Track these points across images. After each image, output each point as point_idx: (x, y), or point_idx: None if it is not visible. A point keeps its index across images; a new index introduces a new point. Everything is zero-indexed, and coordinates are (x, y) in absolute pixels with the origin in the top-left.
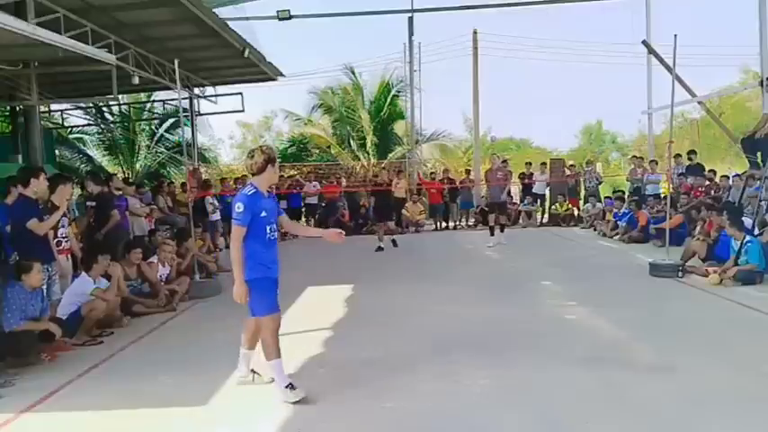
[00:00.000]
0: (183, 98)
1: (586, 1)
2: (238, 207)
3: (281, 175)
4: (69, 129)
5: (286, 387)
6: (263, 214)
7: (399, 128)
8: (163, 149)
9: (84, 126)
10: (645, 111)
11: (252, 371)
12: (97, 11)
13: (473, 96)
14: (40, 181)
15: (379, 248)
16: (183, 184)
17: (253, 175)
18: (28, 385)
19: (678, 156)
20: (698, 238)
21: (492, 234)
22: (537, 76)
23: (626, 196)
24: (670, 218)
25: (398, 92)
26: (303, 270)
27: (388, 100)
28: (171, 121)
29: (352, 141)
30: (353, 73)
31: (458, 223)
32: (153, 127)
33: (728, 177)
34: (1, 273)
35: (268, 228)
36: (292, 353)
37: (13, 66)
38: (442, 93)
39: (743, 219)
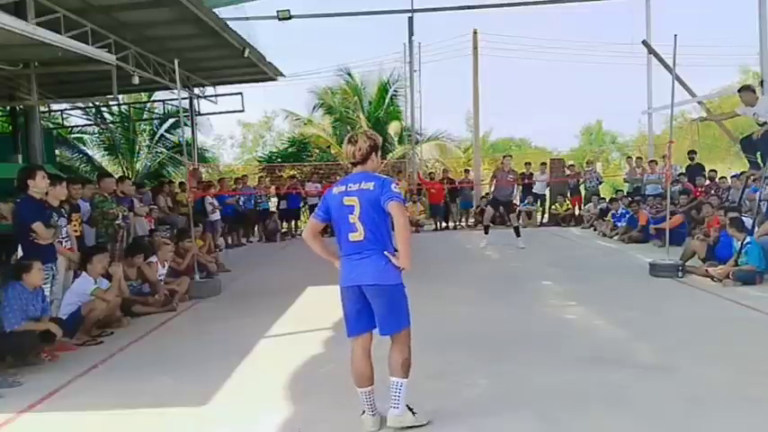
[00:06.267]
0: (183, 98)
1: (586, 1)
2: (394, 185)
3: (280, 176)
4: (69, 129)
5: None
6: None
7: (392, 128)
8: (163, 149)
9: (84, 126)
10: (645, 111)
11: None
12: (97, 11)
13: (473, 96)
14: (36, 181)
15: None
16: (182, 184)
17: (354, 164)
18: (28, 385)
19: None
20: (698, 238)
21: (486, 233)
22: (537, 76)
23: (621, 197)
24: (670, 218)
25: (396, 92)
26: (303, 270)
27: (386, 100)
28: (171, 121)
29: None
30: (350, 75)
31: (458, 223)
32: (153, 127)
33: (726, 179)
34: (1, 273)
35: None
36: (293, 353)
37: (13, 66)
38: (442, 93)
39: (743, 219)
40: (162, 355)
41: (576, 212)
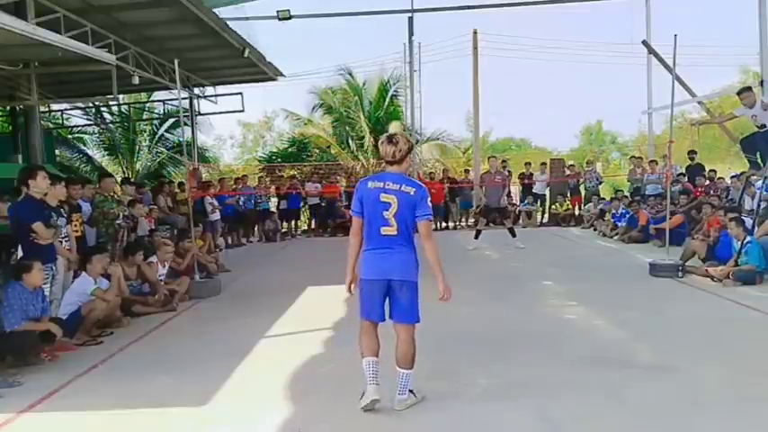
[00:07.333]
0: (183, 98)
1: (586, 1)
2: (429, 200)
3: (280, 176)
4: (69, 129)
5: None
6: None
7: (392, 128)
8: (163, 149)
9: (84, 126)
10: (645, 111)
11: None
12: (97, 11)
13: (473, 96)
14: (37, 181)
15: None
16: (182, 184)
17: (392, 163)
18: (28, 385)
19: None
20: (698, 238)
21: (476, 237)
22: (537, 76)
23: (621, 197)
24: (670, 218)
25: (396, 92)
26: (303, 270)
27: (387, 101)
28: (171, 121)
29: (351, 142)
30: (351, 75)
31: (458, 223)
32: (153, 127)
33: (724, 179)
34: (1, 273)
35: None
36: (293, 353)
37: (13, 66)
38: (442, 93)
39: (743, 219)
40: (162, 355)
41: (576, 212)
